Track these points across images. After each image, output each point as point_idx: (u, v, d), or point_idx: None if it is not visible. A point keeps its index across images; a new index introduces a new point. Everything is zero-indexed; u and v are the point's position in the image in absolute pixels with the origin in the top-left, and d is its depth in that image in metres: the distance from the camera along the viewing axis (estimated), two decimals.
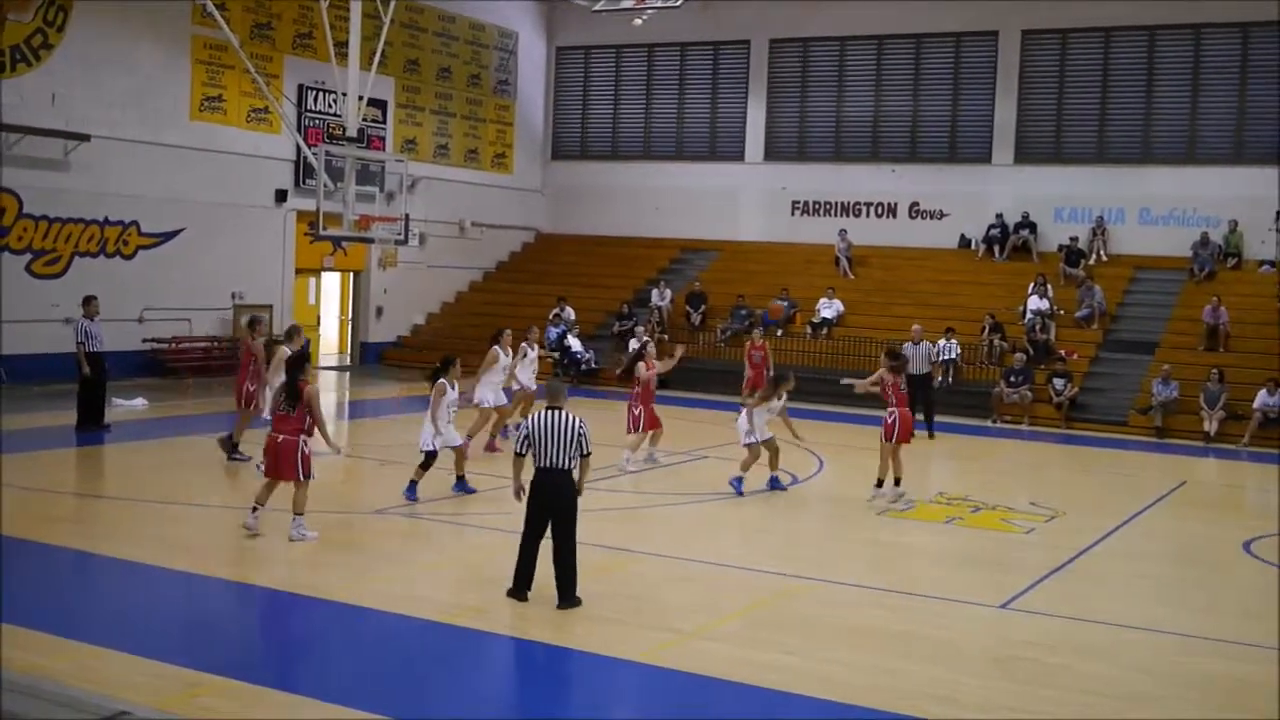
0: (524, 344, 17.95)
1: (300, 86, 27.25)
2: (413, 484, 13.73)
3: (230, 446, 15.74)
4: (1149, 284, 27.41)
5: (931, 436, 20.89)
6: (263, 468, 12.17)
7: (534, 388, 17.82)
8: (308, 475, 11.66)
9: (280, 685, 7.92)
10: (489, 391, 16.96)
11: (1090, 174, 28.99)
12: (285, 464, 11.59)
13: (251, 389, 15.72)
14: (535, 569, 9.93)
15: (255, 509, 11.83)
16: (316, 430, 11.80)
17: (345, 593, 10.08)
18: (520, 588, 9.97)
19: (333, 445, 12.68)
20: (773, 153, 32.40)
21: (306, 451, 11.64)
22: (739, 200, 32.75)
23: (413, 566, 11.24)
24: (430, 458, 13.71)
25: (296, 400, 11.61)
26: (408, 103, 30.64)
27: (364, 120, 23.38)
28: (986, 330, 25.56)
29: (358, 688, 8.03)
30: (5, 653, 7.93)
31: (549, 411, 10.05)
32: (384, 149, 28.19)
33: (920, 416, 20.57)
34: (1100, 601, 10.91)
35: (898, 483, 14.97)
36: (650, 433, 17.02)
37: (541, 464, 9.93)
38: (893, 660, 8.94)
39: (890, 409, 15.06)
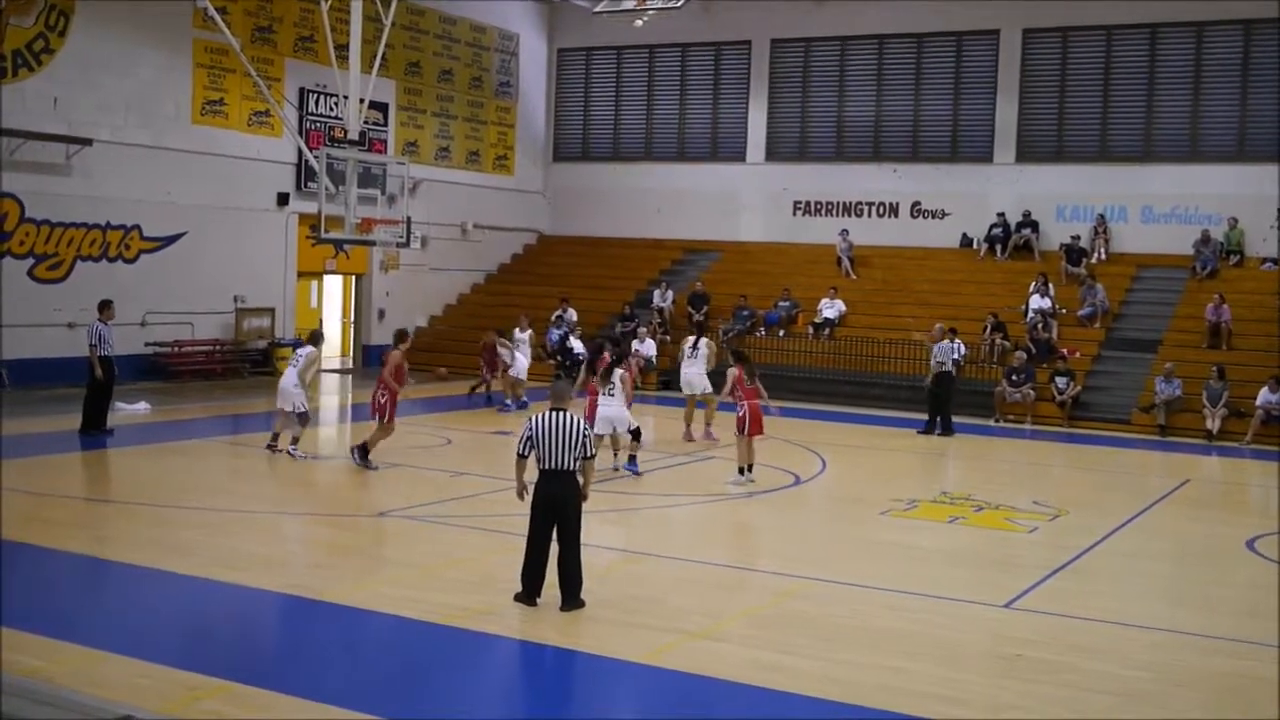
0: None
1: (301, 90, 27.26)
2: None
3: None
4: (1151, 282, 27.38)
5: (950, 434, 21.36)
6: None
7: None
8: None
9: (283, 688, 7.90)
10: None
11: (1092, 172, 28.97)
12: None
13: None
14: (545, 575, 9.82)
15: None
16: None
17: (347, 595, 10.07)
18: (530, 594, 9.84)
19: None
20: (774, 153, 32.39)
21: None
22: (740, 201, 32.76)
23: (415, 569, 11.22)
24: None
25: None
26: (409, 105, 30.64)
27: (365, 123, 23.37)
28: (988, 329, 25.52)
29: (361, 690, 8.02)
30: (6, 656, 7.93)
31: (553, 413, 9.87)
32: (385, 152, 28.16)
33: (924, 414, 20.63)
34: (1103, 600, 10.91)
35: (749, 469, 15.61)
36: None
37: (545, 466, 9.79)
38: (896, 660, 8.92)
39: (740, 404, 15.62)
